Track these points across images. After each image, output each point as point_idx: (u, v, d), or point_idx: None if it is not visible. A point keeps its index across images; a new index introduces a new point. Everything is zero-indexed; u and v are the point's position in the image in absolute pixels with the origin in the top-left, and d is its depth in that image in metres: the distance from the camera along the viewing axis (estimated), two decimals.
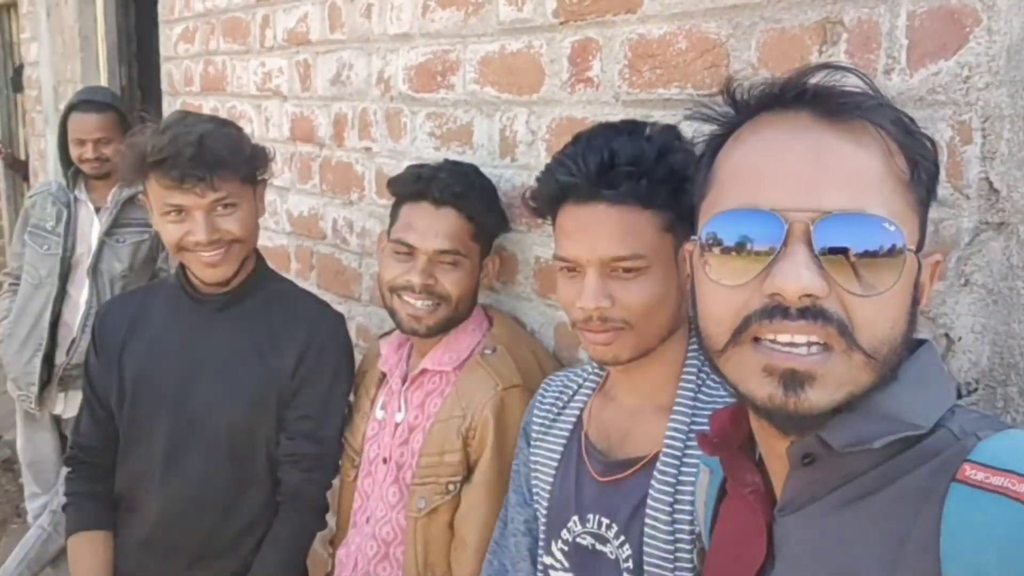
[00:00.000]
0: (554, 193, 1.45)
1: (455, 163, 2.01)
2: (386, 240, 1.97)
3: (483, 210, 1.92)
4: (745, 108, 0.99)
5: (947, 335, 1.30)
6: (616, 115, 1.77)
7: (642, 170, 1.37)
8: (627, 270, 1.38)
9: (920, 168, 0.92)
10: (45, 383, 3.53)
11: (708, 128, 1.03)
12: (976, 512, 0.80)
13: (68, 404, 3.56)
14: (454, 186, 1.88)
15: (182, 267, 2.11)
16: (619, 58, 1.80)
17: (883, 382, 0.89)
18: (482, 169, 2.04)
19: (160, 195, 1.93)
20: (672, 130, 1.46)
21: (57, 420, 3.68)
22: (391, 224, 1.97)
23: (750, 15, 1.54)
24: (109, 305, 2.29)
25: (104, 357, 2.12)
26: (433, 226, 1.87)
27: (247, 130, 3.25)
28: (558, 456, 1.57)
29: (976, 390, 1.26)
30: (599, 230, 1.38)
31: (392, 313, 1.95)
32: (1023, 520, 0.77)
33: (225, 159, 1.92)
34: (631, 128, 1.46)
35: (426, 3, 2.33)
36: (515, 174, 2.08)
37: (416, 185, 1.91)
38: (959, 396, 1.27)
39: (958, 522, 0.81)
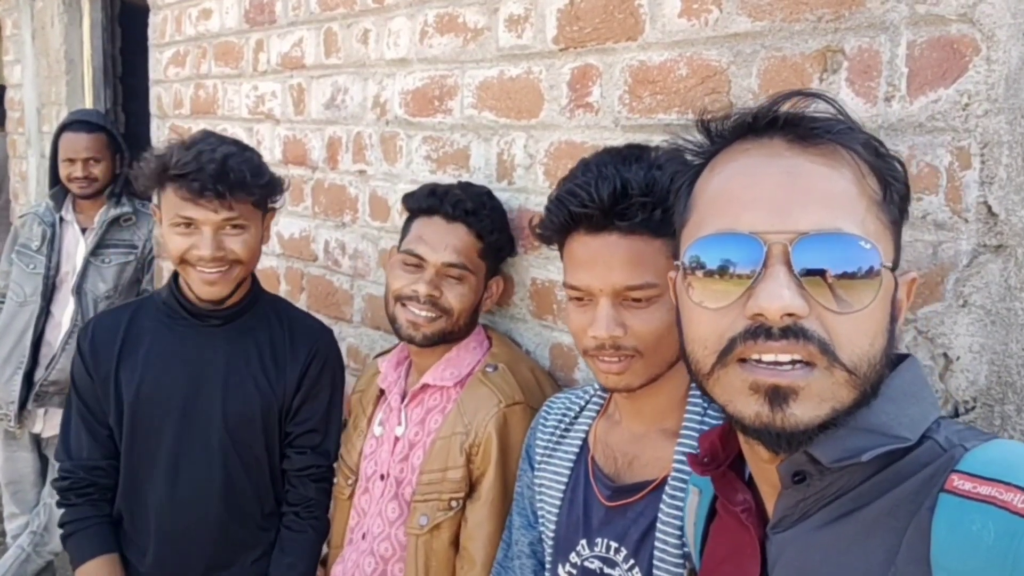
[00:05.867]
0: (565, 222, 1.44)
1: (468, 184, 2.05)
2: (396, 253, 2.00)
3: (492, 229, 1.96)
4: (720, 137, 1.03)
5: (945, 355, 1.32)
6: (615, 140, 1.80)
7: (655, 200, 1.36)
8: (638, 299, 1.39)
9: (892, 188, 0.96)
10: (24, 401, 3.51)
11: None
12: (965, 522, 0.82)
13: (48, 423, 3.54)
14: (466, 203, 1.92)
15: (175, 283, 2.13)
16: (619, 84, 1.83)
17: (865, 398, 0.91)
18: None
19: (174, 206, 1.97)
20: (679, 152, 1.46)
21: (37, 440, 3.65)
22: (402, 237, 2.00)
23: (751, 43, 1.58)
24: (97, 323, 2.21)
25: (99, 375, 2.10)
26: (443, 240, 1.91)
27: None
28: (565, 479, 1.57)
29: (974, 408, 1.29)
30: (611, 260, 1.38)
31: (393, 321, 1.97)
32: (1011, 529, 0.78)
33: (245, 181, 1.97)
34: (638, 154, 1.44)
35: (424, 29, 2.36)
36: (512, 197, 2.10)
37: (430, 200, 1.95)
38: (956, 415, 1.31)
39: (948, 532, 0.83)
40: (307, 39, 2.91)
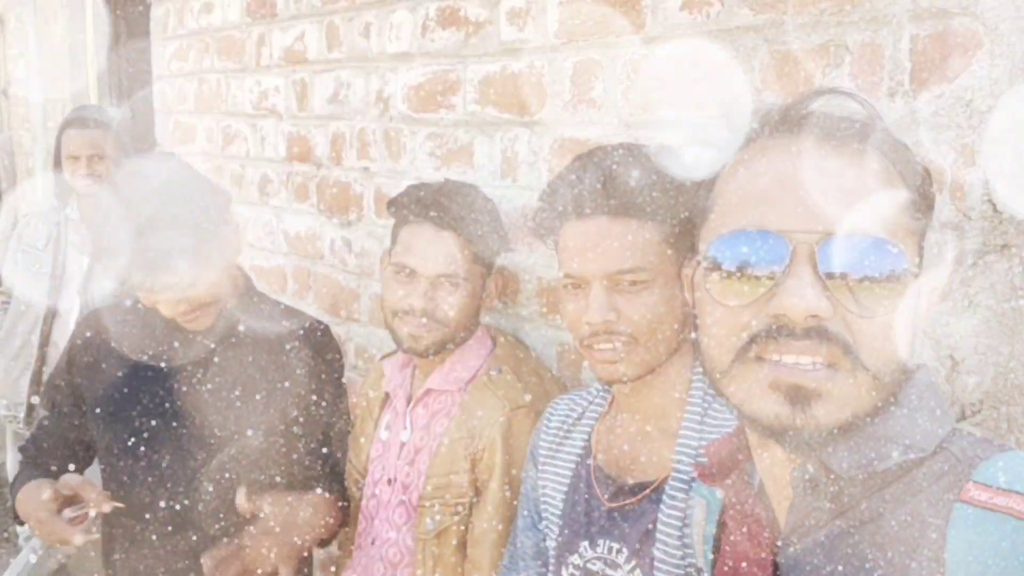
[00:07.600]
0: (556, 211, 1.46)
1: (455, 183, 2.01)
2: (388, 258, 1.97)
3: (483, 232, 1.91)
4: (747, 132, 1.01)
5: (951, 356, 1.31)
6: (619, 135, 1.79)
7: (642, 183, 1.38)
8: (632, 283, 1.39)
9: (918, 194, 0.94)
10: (32, 402, 3.52)
11: (709, 152, 1.04)
12: (981, 532, 0.81)
13: None
14: (453, 210, 1.87)
15: None
16: (622, 79, 1.81)
17: (884, 405, 0.90)
18: (483, 190, 2.04)
19: (137, 281, 1.87)
20: (668, 149, 1.47)
21: None
22: (392, 243, 1.97)
23: (754, 37, 1.56)
24: (87, 322, 2.15)
25: (79, 371, 2.07)
26: (433, 250, 1.87)
27: (242, 149, 3.28)
28: (567, 480, 1.57)
29: (980, 411, 1.28)
30: (602, 244, 1.40)
31: (392, 333, 1.95)
32: None
33: (200, 271, 1.85)
34: (628, 147, 1.49)
35: (426, 23, 2.34)
36: (517, 195, 2.09)
37: (416, 208, 1.90)
38: (963, 417, 1.29)
39: (964, 543, 0.82)
40: (309, 33, 2.89)
